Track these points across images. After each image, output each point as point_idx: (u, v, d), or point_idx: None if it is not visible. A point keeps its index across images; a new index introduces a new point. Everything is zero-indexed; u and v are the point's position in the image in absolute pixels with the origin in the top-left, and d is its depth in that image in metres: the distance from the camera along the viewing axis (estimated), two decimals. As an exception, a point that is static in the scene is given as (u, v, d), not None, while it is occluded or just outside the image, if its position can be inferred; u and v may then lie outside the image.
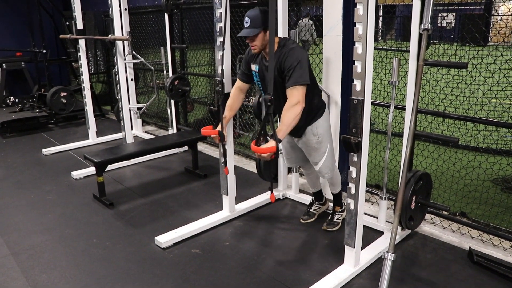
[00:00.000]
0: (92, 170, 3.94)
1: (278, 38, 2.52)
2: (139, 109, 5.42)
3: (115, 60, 4.39)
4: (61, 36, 5.40)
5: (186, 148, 4.72)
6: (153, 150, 4.14)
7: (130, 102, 4.92)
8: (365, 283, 2.37)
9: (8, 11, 7.03)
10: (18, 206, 3.49)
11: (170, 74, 4.79)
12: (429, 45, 2.78)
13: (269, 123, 2.21)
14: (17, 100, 6.34)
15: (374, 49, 2.15)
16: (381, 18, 8.83)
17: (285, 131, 2.32)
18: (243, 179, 3.86)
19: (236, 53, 4.32)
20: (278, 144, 2.21)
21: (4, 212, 3.38)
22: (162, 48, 5.00)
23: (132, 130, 4.78)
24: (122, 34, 4.49)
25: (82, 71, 4.98)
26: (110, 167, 3.94)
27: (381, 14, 7.92)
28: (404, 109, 2.71)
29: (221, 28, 2.73)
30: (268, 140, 2.28)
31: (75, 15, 4.73)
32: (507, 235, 2.65)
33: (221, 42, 2.75)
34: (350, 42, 2.87)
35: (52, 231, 3.04)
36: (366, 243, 2.62)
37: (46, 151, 4.82)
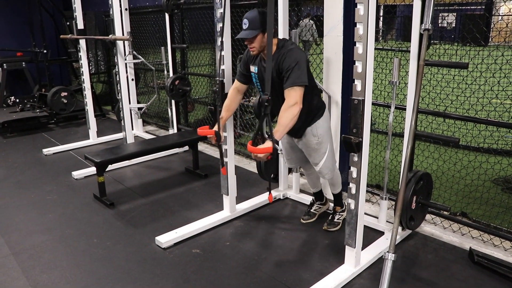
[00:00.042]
0: (92, 170, 3.95)
1: (277, 40, 2.51)
2: (140, 109, 5.43)
3: (116, 60, 4.39)
4: (61, 36, 5.40)
5: (186, 148, 4.72)
6: (153, 150, 4.14)
7: (130, 102, 4.92)
8: (365, 283, 2.37)
9: (8, 11, 7.03)
10: (18, 206, 3.49)
11: (171, 74, 4.79)
12: (429, 45, 2.78)
13: (266, 123, 2.20)
14: (17, 100, 6.35)
15: (375, 49, 2.15)
16: (381, 18, 8.83)
17: (282, 132, 2.30)
18: (244, 179, 3.85)
19: (236, 53, 4.32)
20: (274, 144, 2.19)
21: (4, 212, 3.39)
22: (162, 48, 5.00)
23: (132, 130, 4.79)
24: (123, 34, 4.49)
25: (82, 71, 4.99)
26: (110, 167, 3.94)
27: (381, 14, 7.92)
28: (404, 109, 2.71)
29: (221, 28, 2.73)
30: (265, 140, 2.26)
31: (76, 15, 4.73)
32: (508, 235, 2.64)
33: (221, 42, 2.75)
34: (351, 42, 2.87)
35: (52, 231, 3.04)
36: (366, 243, 2.63)
37: (46, 151, 4.82)
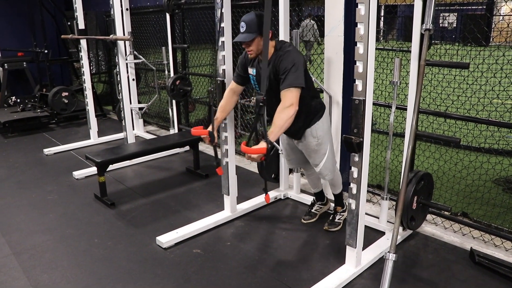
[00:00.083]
0: (93, 170, 3.95)
1: (275, 42, 2.49)
2: (141, 109, 5.43)
3: (117, 60, 4.39)
4: (62, 36, 5.41)
5: (187, 148, 4.72)
6: (154, 150, 4.14)
7: (131, 102, 4.92)
8: (366, 283, 2.37)
9: (9, 11, 7.03)
10: (19, 206, 3.49)
11: (172, 74, 4.80)
12: (430, 45, 2.77)
13: (261, 124, 2.19)
14: (18, 100, 6.35)
15: (376, 49, 2.15)
16: (382, 18, 8.82)
17: (276, 133, 2.28)
18: (244, 179, 3.85)
19: (237, 53, 4.32)
20: (268, 145, 2.18)
21: (5, 212, 3.39)
22: (163, 48, 5.00)
23: (133, 130, 4.79)
24: (124, 34, 4.49)
25: (83, 71, 5.00)
26: (111, 167, 3.94)
27: (382, 14, 7.91)
28: (405, 109, 2.71)
29: (222, 28, 2.73)
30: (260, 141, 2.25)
31: (77, 15, 4.74)
32: (509, 236, 2.64)
33: (222, 42, 2.75)
34: (352, 42, 2.87)
35: (53, 231, 3.04)
36: (367, 243, 2.62)
37: (47, 151, 4.82)
